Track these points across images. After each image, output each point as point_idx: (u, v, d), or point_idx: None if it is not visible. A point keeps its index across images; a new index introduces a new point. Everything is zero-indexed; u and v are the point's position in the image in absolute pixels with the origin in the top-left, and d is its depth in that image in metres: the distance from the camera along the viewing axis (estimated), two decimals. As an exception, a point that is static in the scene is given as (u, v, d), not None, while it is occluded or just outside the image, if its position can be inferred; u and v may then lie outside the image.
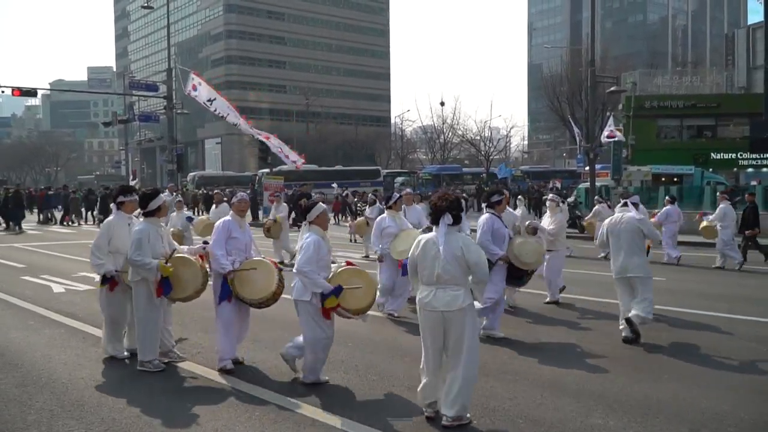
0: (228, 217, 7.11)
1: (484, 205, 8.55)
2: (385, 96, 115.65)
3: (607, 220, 8.79)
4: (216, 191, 18.14)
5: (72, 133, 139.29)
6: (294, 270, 6.17)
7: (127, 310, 7.36)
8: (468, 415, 5.33)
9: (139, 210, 7.27)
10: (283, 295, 6.76)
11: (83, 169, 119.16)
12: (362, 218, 18.81)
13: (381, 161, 75.21)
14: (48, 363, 7.22)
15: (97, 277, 7.82)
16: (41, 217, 33.59)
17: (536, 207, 31.81)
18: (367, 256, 16.83)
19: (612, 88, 29.17)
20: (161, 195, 7.19)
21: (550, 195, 12.03)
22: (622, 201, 8.64)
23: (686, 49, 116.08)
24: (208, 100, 20.34)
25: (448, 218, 5.19)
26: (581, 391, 6.19)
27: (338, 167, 61.95)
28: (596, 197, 21.72)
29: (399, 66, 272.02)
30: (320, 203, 6.55)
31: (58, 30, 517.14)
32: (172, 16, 44.42)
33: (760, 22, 40.79)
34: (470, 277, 5.30)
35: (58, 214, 32.98)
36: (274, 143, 23.11)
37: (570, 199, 28.31)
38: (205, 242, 7.40)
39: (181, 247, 7.44)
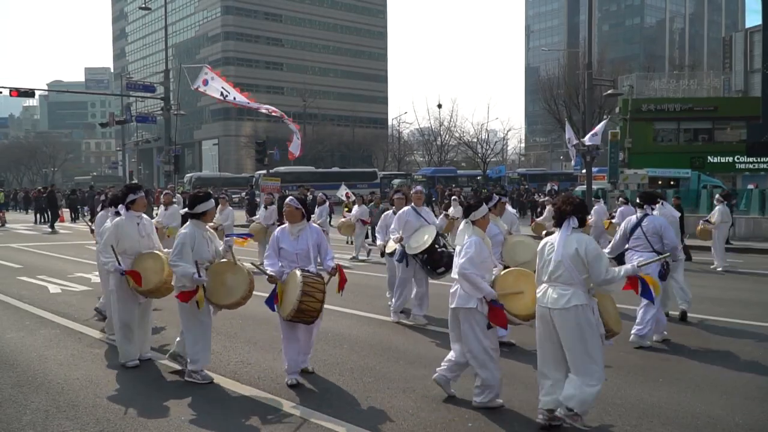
0: (283, 226, 6.82)
1: (647, 207, 8.54)
2: (383, 98, 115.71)
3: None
4: (166, 191, 16.40)
5: (69, 133, 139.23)
6: (455, 273, 5.82)
7: (137, 314, 7.18)
8: (581, 419, 5.23)
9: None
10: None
11: (80, 170, 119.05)
12: (257, 223, 16.78)
13: (378, 163, 75.32)
14: (44, 363, 7.21)
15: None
16: (38, 217, 33.78)
17: (522, 209, 32.32)
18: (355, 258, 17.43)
19: (609, 91, 29.19)
20: (212, 199, 6.83)
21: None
22: (660, 201, 9.44)
23: (683, 53, 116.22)
24: (222, 95, 20.62)
25: (574, 221, 5.28)
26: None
27: (335, 169, 62.05)
28: (545, 198, 21.67)
29: (396, 68, 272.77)
30: (484, 205, 6.17)
31: (55, 31, 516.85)
32: (169, 17, 44.45)
33: (758, 25, 40.85)
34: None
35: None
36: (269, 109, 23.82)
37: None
38: (228, 235, 7.11)
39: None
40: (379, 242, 10.41)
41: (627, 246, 8.40)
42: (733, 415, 5.69)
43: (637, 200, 8.78)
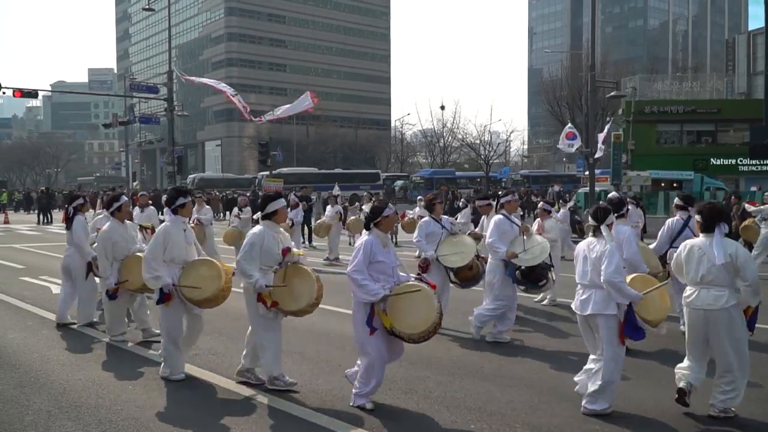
0: (368, 236, 6.01)
1: (690, 209, 8.66)
2: (386, 99, 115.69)
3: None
4: (141, 194, 15.65)
5: (72, 134, 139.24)
6: (603, 280, 5.64)
7: (183, 325, 6.75)
8: (733, 409, 5.65)
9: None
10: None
11: (83, 171, 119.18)
12: (232, 227, 15.85)
13: (381, 164, 75.35)
14: (46, 364, 7.22)
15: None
16: (40, 218, 33.97)
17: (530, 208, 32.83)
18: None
19: (612, 93, 29.16)
20: (281, 198, 6.45)
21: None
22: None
23: (686, 55, 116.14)
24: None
25: (724, 227, 5.67)
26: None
27: (338, 170, 62.09)
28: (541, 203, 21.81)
29: (400, 69, 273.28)
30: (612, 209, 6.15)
31: (59, 32, 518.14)
32: (173, 18, 44.52)
33: (761, 27, 40.80)
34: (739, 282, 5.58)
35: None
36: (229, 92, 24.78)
37: (570, 204, 28.35)
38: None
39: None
40: (429, 254, 8.95)
41: (674, 246, 8.57)
42: (734, 416, 5.68)
43: (681, 202, 9.08)
